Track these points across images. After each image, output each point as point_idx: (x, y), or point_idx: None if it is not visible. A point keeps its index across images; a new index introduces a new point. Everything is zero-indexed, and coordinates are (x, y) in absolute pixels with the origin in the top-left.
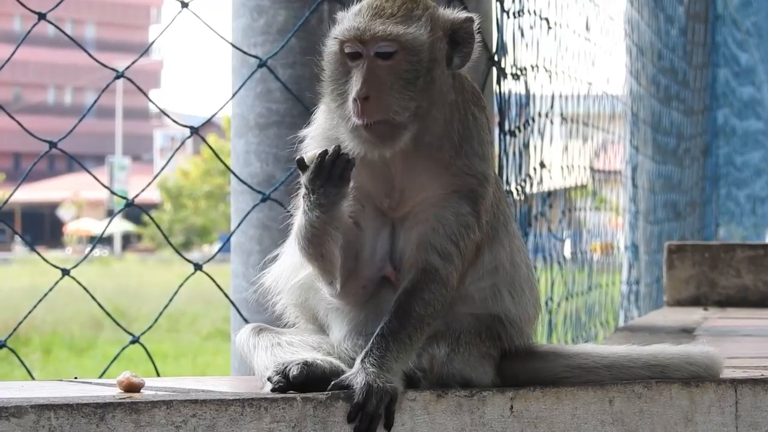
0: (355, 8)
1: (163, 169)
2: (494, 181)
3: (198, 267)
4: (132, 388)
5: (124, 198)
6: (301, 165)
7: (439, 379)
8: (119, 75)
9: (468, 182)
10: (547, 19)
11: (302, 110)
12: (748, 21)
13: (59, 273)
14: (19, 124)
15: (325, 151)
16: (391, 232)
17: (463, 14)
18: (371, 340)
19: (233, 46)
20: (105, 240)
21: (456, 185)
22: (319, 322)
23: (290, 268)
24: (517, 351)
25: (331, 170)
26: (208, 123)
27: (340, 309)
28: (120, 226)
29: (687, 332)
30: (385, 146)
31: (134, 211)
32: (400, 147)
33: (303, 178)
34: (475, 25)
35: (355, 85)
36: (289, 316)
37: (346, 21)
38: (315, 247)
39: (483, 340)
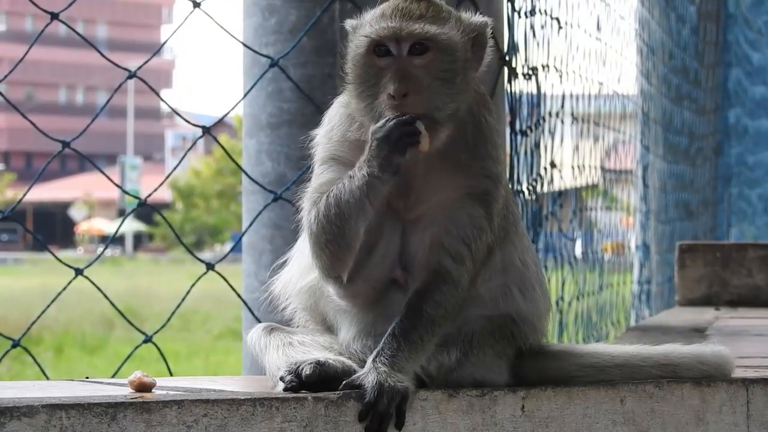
0: (376, 11)
1: (175, 168)
2: (505, 183)
3: (210, 266)
4: (143, 387)
5: (136, 198)
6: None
7: (449, 384)
8: (131, 75)
9: (483, 184)
10: (557, 19)
11: (313, 109)
12: (760, 20)
13: (71, 273)
14: (33, 124)
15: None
16: (401, 234)
17: (480, 18)
18: (383, 340)
19: (245, 45)
20: (117, 240)
21: (471, 187)
22: (328, 324)
23: (299, 272)
24: (530, 349)
25: (411, 130)
26: (220, 122)
27: (348, 311)
28: (131, 225)
29: (698, 332)
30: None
31: (146, 210)
32: (435, 148)
33: (379, 131)
34: (489, 29)
35: (392, 83)
36: (299, 320)
37: (375, 22)
38: (343, 223)
39: (497, 340)
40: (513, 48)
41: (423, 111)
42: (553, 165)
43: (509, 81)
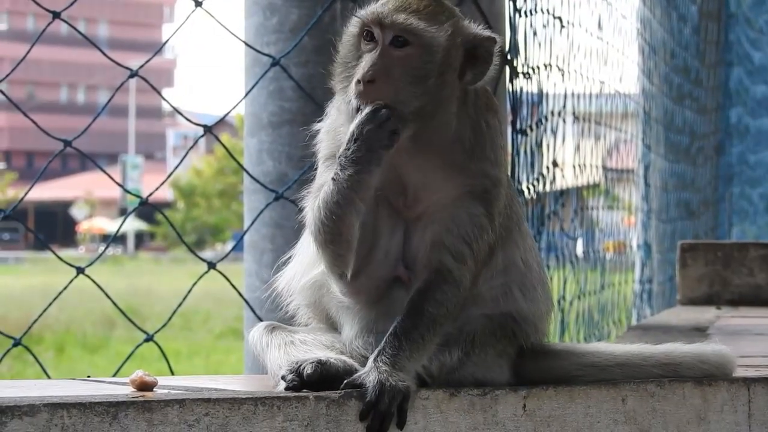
0: None
1: (176, 168)
2: (507, 183)
3: (211, 266)
4: (145, 386)
5: (138, 197)
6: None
7: (450, 383)
8: (133, 74)
9: (481, 184)
10: (559, 18)
11: (315, 108)
12: (762, 19)
13: (72, 272)
14: (35, 123)
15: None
16: (404, 232)
17: (486, 32)
18: (384, 339)
19: (246, 44)
20: (118, 239)
21: (469, 186)
22: (331, 321)
23: (302, 268)
24: (532, 348)
25: (385, 122)
26: (221, 121)
27: (351, 308)
28: (133, 224)
29: (700, 331)
30: None
31: (147, 209)
32: (398, 144)
33: (353, 125)
34: (497, 47)
35: (362, 67)
36: (301, 316)
37: (372, 5)
38: (336, 221)
39: (498, 339)
40: (514, 47)
41: (386, 101)
42: (555, 164)
43: (511, 80)
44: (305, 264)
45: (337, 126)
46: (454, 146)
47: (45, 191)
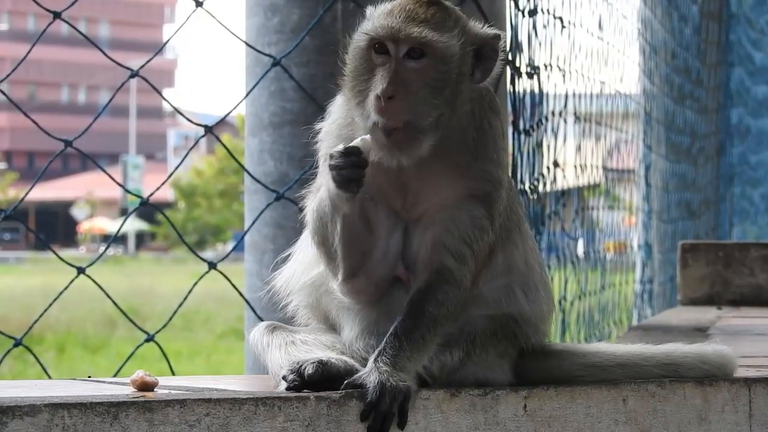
0: (385, 8)
1: (177, 168)
2: (508, 184)
3: (212, 266)
4: (145, 387)
5: (139, 197)
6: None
7: (451, 383)
8: (134, 74)
9: (483, 186)
10: (560, 18)
11: (316, 109)
12: (763, 20)
13: (73, 272)
14: (36, 123)
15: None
16: (404, 233)
17: (491, 31)
18: (384, 340)
19: (247, 44)
20: (119, 239)
21: (470, 188)
22: (331, 322)
23: (302, 268)
24: (533, 349)
25: (345, 168)
26: (222, 122)
27: (352, 308)
28: (134, 225)
29: (701, 331)
30: (403, 154)
31: (148, 210)
32: (419, 156)
33: (330, 159)
34: (501, 43)
35: (380, 83)
36: (301, 317)
37: (378, 19)
38: (323, 227)
39: (500, 340)
40: (516, 47)
41: (406, 118)
42: (555, 164)
43: (512, 80)
44: (305, 263)
45: (341, 127)
46: (459, 148)
47: (46, 191)
